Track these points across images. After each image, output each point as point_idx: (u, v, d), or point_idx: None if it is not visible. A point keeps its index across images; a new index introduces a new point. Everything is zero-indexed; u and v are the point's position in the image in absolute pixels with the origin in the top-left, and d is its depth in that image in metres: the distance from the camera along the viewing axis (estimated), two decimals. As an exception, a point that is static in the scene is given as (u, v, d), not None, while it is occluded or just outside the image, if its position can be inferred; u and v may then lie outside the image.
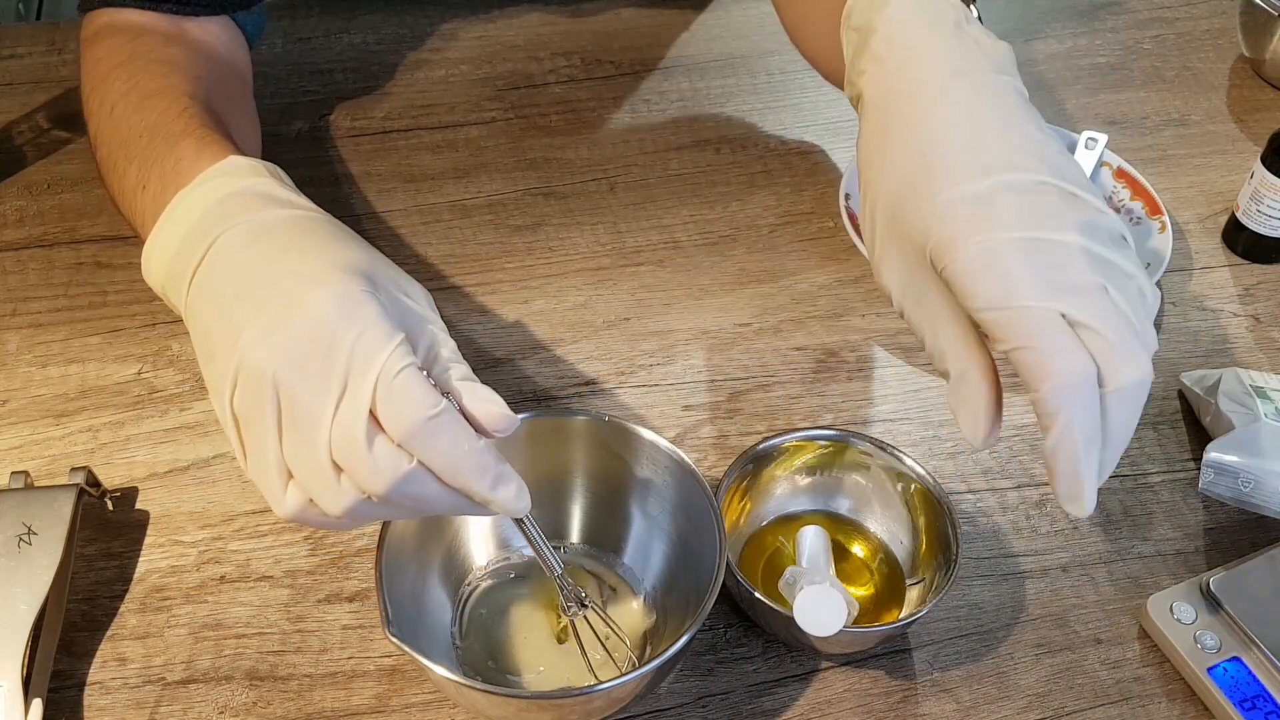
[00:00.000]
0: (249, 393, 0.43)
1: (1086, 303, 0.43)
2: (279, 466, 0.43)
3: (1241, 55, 0.97)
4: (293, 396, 0.42)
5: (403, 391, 0.42)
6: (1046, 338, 0.42)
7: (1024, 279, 0.43)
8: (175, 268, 0.49)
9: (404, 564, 0.53)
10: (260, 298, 0.44)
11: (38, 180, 0.81)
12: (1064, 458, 0.43)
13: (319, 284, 0.43)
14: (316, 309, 0.43)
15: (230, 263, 0.47)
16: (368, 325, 0.42)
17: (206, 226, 0.48)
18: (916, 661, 0.58)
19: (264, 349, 0.43)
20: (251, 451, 0.44)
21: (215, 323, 0.46)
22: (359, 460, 0.42)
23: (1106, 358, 0.43)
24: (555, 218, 0.80)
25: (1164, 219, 0.78)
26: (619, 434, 0.57)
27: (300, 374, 0.42)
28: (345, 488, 0.43)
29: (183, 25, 0.69)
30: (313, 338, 0.42)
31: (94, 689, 0.55)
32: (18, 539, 0.56)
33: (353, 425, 0.42)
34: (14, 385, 0.68)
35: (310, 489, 0.43)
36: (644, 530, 0.58)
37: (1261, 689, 0.55)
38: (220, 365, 0.44)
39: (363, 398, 0.42)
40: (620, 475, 0.58)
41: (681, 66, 0.94)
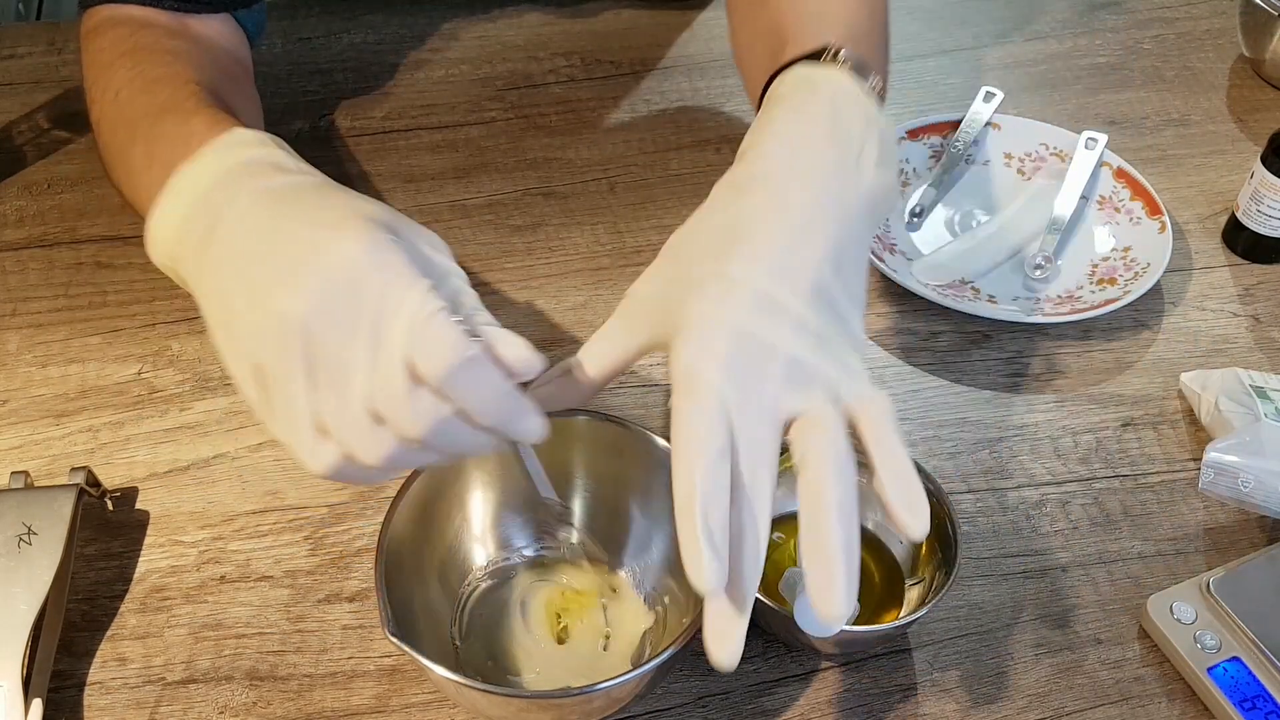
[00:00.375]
0: (275, 345, 0.42)
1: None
2: (311, 420, 0.42)
3: (1241, 55, 0.97)
4: (323, 345, 0.41)
5: (437, 334, 0.41)
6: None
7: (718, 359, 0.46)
8: (184, 235, 0.48)
9: (403, 565, 0.53)
10: (282, 250, 0.43)
11: (38, 180, 0.81)
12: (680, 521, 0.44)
13: (342, 231, 0.43)
14: (342, 254, 0.42)
15: (245, 224, 0.46)
16: (394, 270, 0.42)
17: (216, 193, 0.47)
18: (916, 661, 0.58)
19: (290, 297, 0.42)
20: (280, 408, 0.43)
21: (232, 281, 0.45)
22: (400, 406, 0.41)
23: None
24: (555, 218, 0.80)
25: (1164, 219, 0.78)
26: (619, 434, 0.57)
27: (330, 321, 0.41)
28: (383, 436, 0.42)
29: (185, 21, 0.69)
30: (340, 283, 0.41)
31: (94, 689, 0.56)
32: (18, 539, 0.56)
33: (391, 371, 0.41)
34: (14, 385, 0.68)
35: (347, 440, 0.42)
36: (644, 530, 0.58)
37: (1261, 689, 0.55)
38: (241, 320, 0.43)
39: (397, 343, 0.41)
40: (620, 475, 0.58)
41: (681, 66, 0.94)
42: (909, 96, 0.92)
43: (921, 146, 0.84)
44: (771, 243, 0.48)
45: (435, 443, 0.43)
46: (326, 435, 0.43)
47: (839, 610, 0.43)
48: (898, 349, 0.73)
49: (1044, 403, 0.70)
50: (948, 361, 0.72)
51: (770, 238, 0.48)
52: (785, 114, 0.53)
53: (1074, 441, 0.68)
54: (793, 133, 0.52)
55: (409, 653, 0.47)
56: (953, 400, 0.70)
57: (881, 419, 0.47)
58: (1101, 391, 0.71)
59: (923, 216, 0.80)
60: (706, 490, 0.44)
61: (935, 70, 0.95)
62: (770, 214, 0.49)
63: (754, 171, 0.51)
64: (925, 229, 0.80)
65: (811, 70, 0.55)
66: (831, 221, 0.49)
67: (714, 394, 0.45)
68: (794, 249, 0.48)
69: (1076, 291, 0.76)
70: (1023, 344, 0.73)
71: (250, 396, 0.44)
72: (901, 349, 0.73)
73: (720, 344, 0.46)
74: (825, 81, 0.54)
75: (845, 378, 0.47)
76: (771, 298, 0.47)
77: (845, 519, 0.44)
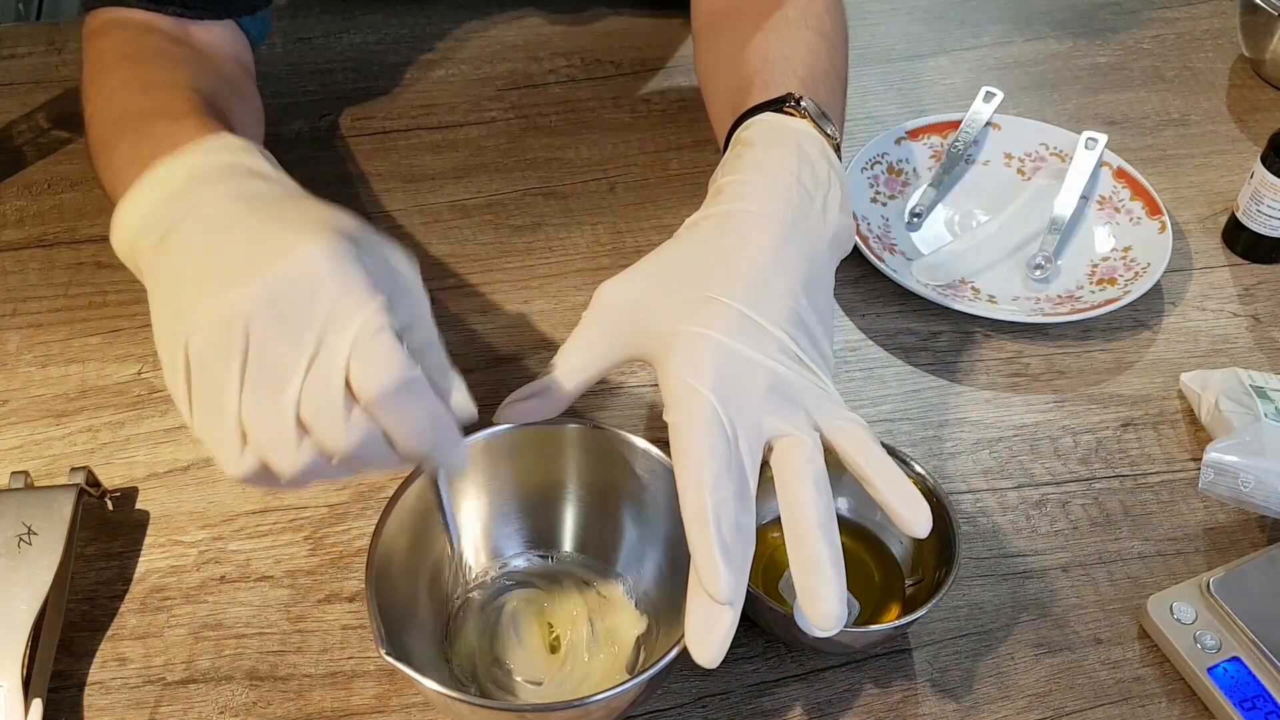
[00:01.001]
0: (214, 338, 0.41)
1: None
2: (234, 420, 0.41)
3: (1241, 55, 0.97)
4: (263, 344, 0.40)
5: (381, 352, 0.41)
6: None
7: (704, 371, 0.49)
8: (147, 227, 0.47)
9: (394, 577, 0.52)
10: (241, 244, 0.42)
11: (38, 180, 0.81)
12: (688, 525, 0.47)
13: (306, 236, 0.42)
14: (302, 256, 0.41)
15: (209, 220, 0.45)
16: (351, 282, 0.41)
17: (188, 191, 0.47)
18: (916, 661, 0.58)
19: (241, 288, 0.40)
20: (206, 405, 0.42)
21: (187, 267, 0.43)
22: (330, 418, 0.41)
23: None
24: (555, 218, 0.80)
25: (1164, 219, 0.78)
26: (611, 442, 0.56)
27: (277, 322, 0.40)
28: (305, 447, 0.41)
29: (187, 28, 0.68)
30: (294, 285, 0.41)
31: (94, 689, 0.56)
32: (18, 539, 0.56)
33: (329, 381, 0.40)
34: (14, 385, 0.68)
35: (266, 447, 0.41)
36: (636, 538, 0.58)
37: (1261, 689, 0.55)
38: (185, 303, 0.42)
39: (340, 354, 0.40)
40: (612, 483, 0.57)
41: (681, 66, 0.94)
42: (909, 96, 0.92)
43: (921, 146, 0.84)
44: (749, 274, 0.52)
45: (356, 460, 0.42)
46: (245, 439, 0.42)
47: (832, 613, 0.46)
48: (898, 349, 0.73)
49: (1044, 403, 0.70)
50: (948, 361, 0.72)
51: (748, 270, 0.53)
52: (757, 158, 0.58)
53: (1074, 441, 0.68)
54: (765, 177, 0.56)
55: (404, 670, 0.46)
56: (953, 400, 0.70)
57: (860, 435, 0.50)
58: (1101, 391, 0.71)
59: (923, 216, 0.80)
60: (718, 501, 0.46)
61: (935, 70, 0.95)
62: (747, 250, 0.53)
63: (731, 211, 0.55)
64: (925, 229, 0.80)
65: (780, 119, 0.60)
66: (801, 259, 0.54)
67: (711, 408, 0.48)
68: (769, 281, 0.52)
69: (1076, 291, 0.76)
70: (1023, 344, 0.73)
71: (174, 384, 0.42)
72: (901, 349, 0.73)
73: (711, 361, 0.50)
74: (792, 131, 0.59)
75: (823, 400, 0.51)
76: (753, 321, 0.51)
77: (827, 530, 0.47)
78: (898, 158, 0.83)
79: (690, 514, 0.47)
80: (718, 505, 0.46)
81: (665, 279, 0.54)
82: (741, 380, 0.50)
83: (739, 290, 0.52)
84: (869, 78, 0.94)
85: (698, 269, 0.53)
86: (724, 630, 0.46)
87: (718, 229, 0.55)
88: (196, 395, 0.42)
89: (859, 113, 0.90)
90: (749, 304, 0.51)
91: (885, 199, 0.81)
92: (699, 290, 0.52)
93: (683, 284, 0.53)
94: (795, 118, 0.60)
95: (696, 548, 0.46)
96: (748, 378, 0.50)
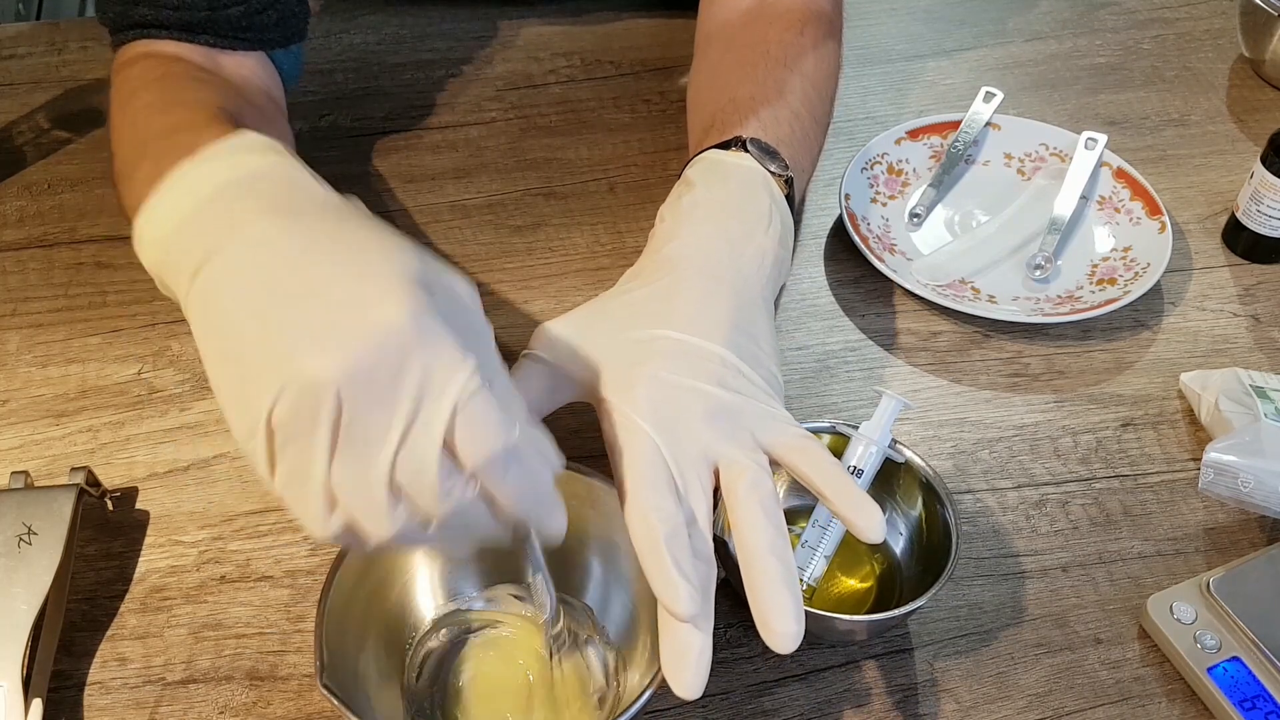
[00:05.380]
0: (301, 406, 0.39)
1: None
2: (323, 488, 0.40)
3: (1241, 55, 0.97)
4: (355, 413, 0.39)
5: (483, 417, 0.40)
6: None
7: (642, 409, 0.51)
8: (179, 245, 0.44)
9: (349, 613, 0.51)
10: (312, 302, 0.40)
11: (38, 180, 0.81)
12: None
13: (386, 294, 0.40)
14: (384, 319, 0.39)
15: (259, 257, 0.42)
16: (440, 345, 0.40)
17: (220, 204, 0.43)
18: (916, 661, 0.58)
19: (327, 359, 0.38)
20: (292, 470, 0.40)
21: (245, 322, 0.41)
22: (428, 483, 0.40)
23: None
24: (555, 218, 0.80)
25: (1164, 219, 0.78)
26: (579, 484, 0.55)
27: (367, 390, 0.39)
28: (398, 512, 0.40)
29: (218, 59, 0.67)
30: (384, 353, 0.39)
31: (94, 689, 0.56)
32: (18, 539, 0.56)
33: (426, 450, 0.39)
34: (14, 385, 0.68)
35: (358, 512, 0.40)
36: (601, 574, 0.57)
37: (1261, 689, 0.55)
38: (255, 371, 0.40)
39: (438, 422, 0.39)
40: (580, 523, 0.56)
41: (681, 67, 0.93)
42: (909, 97, 0.92)
43: (921, 146, 0.84)
44: (685, 308, 0.55)
45: (451, 525, 0.41)
46: (335, 503, 0.41)
47: (789, 632, 0.46)
48: (898, 349, 0.73)
49: (1044, 403, 0.70)
50: (948, 361, 0.72)
51: (684, 304, 0.55)
52: (696, 199, 0.61)
53: (1074, 441, 0.68)
54: (698, 218, 0.59)
55: (339, 707, 0.46)
56: (953, 400, 0.70)
57: (809, 449, 0.52)
58: (1101, 391, 0.71)
59: (923, 216, 0.80)
60: (669, 532, 0.47)
61: (935, 70, 0.95)
62: (682, 286, 0.56)
63: (666, 254, 0.58)
64: (925, 229, 0.80)
65: (722, 157, 0.63)
66: (735, 291, 0.57)
67: (646, 437, 0.50)
68: (704, 312, 0.55)
69: (1076, 291, 0.76)
70: (1023, 344, 0.73)
71: (253, 450, 0.40)
72: (901, 349, 0.73)
73: (646, 395, 0.52)
74: (734, 168, 0.62)
75: (767, 419, 0.52)
76: (691, 348, 0.53)
77: (779, 552, 0.48)
78: (898, 158, 0.83)
79: (641, 545, 0.47)
80: (668, 535, 0.47)
81: (604, 318, 0.56)
82: (680, 409, 0.51)
83: (676, 321, 0.54)
84: (869, 78, 0.94)
85: (635, 308, 0.56)
86: (695, 655, 0.46)
87: (653, 271, 0.58)
88: (281, 461, 0.40)
89: (859, 113, 0.90)
90: (685, 333, 0.54)
91: (885, 199, 0.81)
92: (636, 328, 0.54)
93: (620, 323, 0.55)
94: (739, 154, 0.63)
95: (652, 575, 0.47)
96: (686, 406, 0.51)
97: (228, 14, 0.66)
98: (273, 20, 0.68)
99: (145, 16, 0.65)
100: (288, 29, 0.70)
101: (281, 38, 0.70)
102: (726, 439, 0.51)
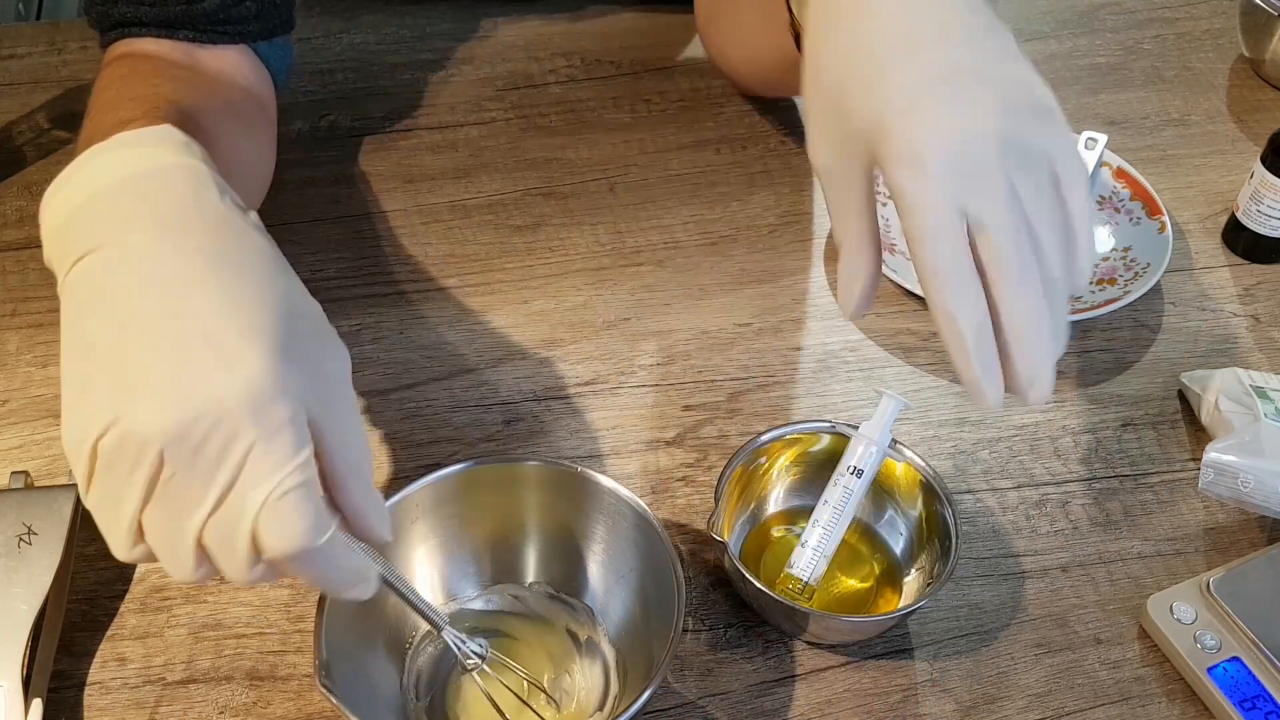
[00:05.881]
0: (125, 450, 0.39)
1: (989, 207, 0.45)
2: (132, 524, 0.40)
3: (1241, 55, 0.97)
4: (175, 470, 0.39)
5: (289, 517, 0.40)
6: (938, 237, 0.45)
7: (939, 177, 0.44)
8: (70, 232, 0.43)
9: (349, 613, 0.51)
10: (164, 347, 0.40)
11: (38, 180, 0.81)
12: (950, 348, 0.46)
13: (233, 362, 0.39)
14: (227, 388, 0.39)
15: (141, 266, 0.41)
16: (272, 431, 0.39)
17: (115, 198, 0.43)
18: (916, 661, 0.58)
19: (157, 419, 0.39)
20: (105, 496, 0.40)
21: (107, 334, 0.40)
22: (232, 560, 0.41)
23: (992, 264, 0.45)
24: (555, 218, 0.80)
25: (1164, 219, 0.78)
26: (579, 484, 0.56)
27: (191, 455, 0.39)
28: (203, 570, 0.41)
29: (196, 55, 0.66)
30: (215, 427, 0.39)
31: (94, 689, 0.56)
32: (18, 539, 0.56)
33: (235, 527, 0.40)
34: (14, 385, 0.68)
35: (162, 556, 0.41)
36: (604, 575, 0.57)
37: (1261, 689, 0.55)
38: (100, 393, 0.40)
39: (249, 508, 0.39)
40: (581, 524, 0.57)
41: (681, 66, 0.94)
42: (909, 96, 0.92)
43: (921, 146, 0.84)
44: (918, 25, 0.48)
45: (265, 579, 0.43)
46: (141, 538, 0.41)
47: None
48: (898, 349, 0.73)
49: (1044, 403, 0.70)
50: (948, 362, 0.72)
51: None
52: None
53: (1074, 441, 0.68)
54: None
55: (337, 704, 0.46)
56: (953, 400, 0.70)
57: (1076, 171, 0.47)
58: (1101, 391, 0.71)
59: (923, 216, 0.80)
60: (967, 319, 0.45)
61: (935, 70, 0.95)
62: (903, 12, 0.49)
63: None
64: (925, 229, 0.80)
65: None
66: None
67: (944, 201, 0.44)
68: (939, 24, 0.48)
69: (1076, 291, 0.76)
70: (1023, 344, 0.73)
71: (74, 462, 0.40)
72: (901, 349, 0.73)
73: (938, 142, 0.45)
74: None
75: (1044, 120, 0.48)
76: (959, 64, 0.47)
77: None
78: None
79: (948, 343, 0.46)
80: (970, 328, 0.45)
81: (834, 79, 0.49)
82: (974, 162, 0.45)
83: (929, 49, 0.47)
84: (869, 78, 0.94)
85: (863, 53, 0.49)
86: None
87: (857, 14, 0.50)
88: (97, 485, 0.40)
89: (859, 113, 0.90)
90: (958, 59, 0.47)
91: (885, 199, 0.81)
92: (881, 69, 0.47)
93: (854, 75, 0.48)
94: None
95: (960, 374, 0.46)
96: (981, 156, 0.45)
97: (204, 7, 0.65)
98: (252, 12, 0.67)
99: (125, 15, 0.65)
100: (269, 20, 0.69)
101: (263, 29, 0.69)
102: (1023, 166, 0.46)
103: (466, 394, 0.69)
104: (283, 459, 0.40)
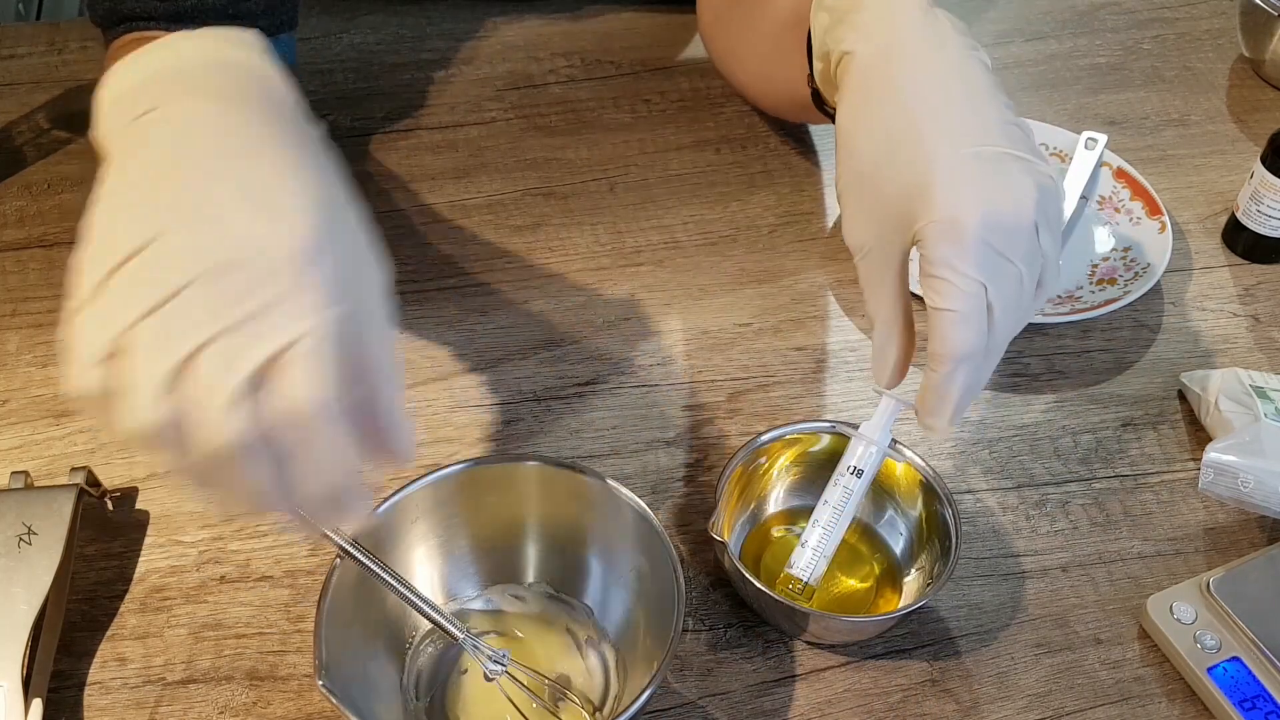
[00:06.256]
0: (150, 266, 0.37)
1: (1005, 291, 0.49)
2: (114, 337, 0.36)
3: (1241, 55, 0.97)
4: (193, 297, 0.36)
5: (311, 367, 0.36)
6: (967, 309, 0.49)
7: (978, 254, 0.48)
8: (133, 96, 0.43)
9: (349, 613, 0.51)
10: (217, 189, 0.39)
11: (38, 180, 0.81)
12: (935, 392, 0.50)
13: (284, 215, 0.38)
14: (269, 244, 0.38)
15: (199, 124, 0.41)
16: (312, 286, 0.37)
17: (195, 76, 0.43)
18: (916, 661, 0.58)
19: (197, 243, 0.37)
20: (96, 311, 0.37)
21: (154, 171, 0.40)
22: (211, 389, 0.36)
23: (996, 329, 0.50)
24: (555, 218, 0.80)
25: (1164, 219, 0.78)
26: (579, 484, 0.56)
27: (215, 287, 0.36)
28: (166, 406, 0.36)
29: None
30: (252, 264, 0.37)
31: (94, 689, 0.56)
32: (18, 539, 0.56)
33: (236, 358, 0.36)
34: (14, 385, 0.68)
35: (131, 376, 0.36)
36: (604, 575, 0.57)
37: (1261, 689, 0.55)
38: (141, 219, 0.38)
39: (266, 343, 0.36)
40: (581, 523, 0.57)
41: (681, 66, 0.94)
42: (909, 96, 0.92)
43: (921, 146, 0.84)
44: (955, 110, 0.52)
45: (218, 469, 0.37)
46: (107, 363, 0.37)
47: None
48: (898, 349, 0.73)
49: (1044, 403, 0.70)
50: (948, 361, 0.72)
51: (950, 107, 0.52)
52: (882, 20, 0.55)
53: (1074, 441, 0.68)
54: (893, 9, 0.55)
55: (337, 705, 0.46)
56: (953, 400, 0.70)
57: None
58: (1101, 391, 0.71)
59: (923, 216, 0.80)
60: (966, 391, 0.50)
61: (935, 70, 0.95)
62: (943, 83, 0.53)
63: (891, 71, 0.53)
64: (925, 229, 0.80)
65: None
66: (980, 73, 0.54)
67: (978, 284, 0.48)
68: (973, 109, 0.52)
69: (1076, 291, 0.76)
70: (1023, 344, 0.73)
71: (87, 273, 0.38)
72: (901, 349, 0.73)
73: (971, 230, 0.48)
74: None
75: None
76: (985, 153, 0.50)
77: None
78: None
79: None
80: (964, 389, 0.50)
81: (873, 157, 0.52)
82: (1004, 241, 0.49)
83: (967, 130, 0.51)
84: (869, 78, 0.94)
85: (893, 119, 0.52)
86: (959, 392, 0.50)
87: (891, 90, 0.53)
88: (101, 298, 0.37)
89: (859, 113, 0.90)
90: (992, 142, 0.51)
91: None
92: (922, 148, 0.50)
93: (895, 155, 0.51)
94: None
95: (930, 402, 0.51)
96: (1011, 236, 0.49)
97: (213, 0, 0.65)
98: (259, 7, 0.68)
99: (134, 9, 0.65)
100: (275, 16, 0.70)
101: (269, 26, 0.70)
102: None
103: (466, 394, 0.69)
104: (315, 308, 0.37)
